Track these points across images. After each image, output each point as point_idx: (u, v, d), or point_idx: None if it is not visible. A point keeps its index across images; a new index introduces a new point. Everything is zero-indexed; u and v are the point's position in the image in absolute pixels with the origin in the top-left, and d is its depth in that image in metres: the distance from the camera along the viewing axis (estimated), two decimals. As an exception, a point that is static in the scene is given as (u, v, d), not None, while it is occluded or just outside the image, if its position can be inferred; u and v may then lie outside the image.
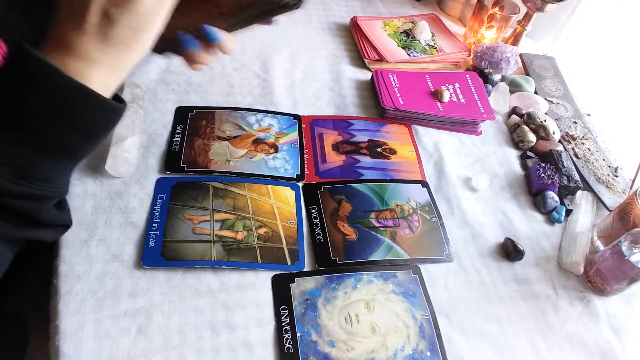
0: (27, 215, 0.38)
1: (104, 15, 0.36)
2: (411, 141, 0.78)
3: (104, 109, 0.38)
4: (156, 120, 0.71)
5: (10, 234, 0.38)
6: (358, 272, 0.60)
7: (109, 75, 0.38)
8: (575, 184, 0.74)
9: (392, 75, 0.84)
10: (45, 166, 0.37)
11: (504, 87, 0.88)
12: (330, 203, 0.66)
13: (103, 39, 0.37)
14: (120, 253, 0.56)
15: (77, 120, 0.37)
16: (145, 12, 0.37)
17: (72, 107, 0.36)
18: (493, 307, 0.61)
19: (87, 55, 0.36)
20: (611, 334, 0.61)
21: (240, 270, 0.58)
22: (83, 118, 0.37)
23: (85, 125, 0.37)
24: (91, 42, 0.36)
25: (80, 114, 0.37)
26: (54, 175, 0.39)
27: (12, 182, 0.35)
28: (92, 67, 0.37)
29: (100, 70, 0.37)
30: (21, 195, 0.36)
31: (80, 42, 0.36)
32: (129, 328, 0.51)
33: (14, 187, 0.35)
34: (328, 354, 0.53)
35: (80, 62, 0.36)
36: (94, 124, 0.38)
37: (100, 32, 0.36)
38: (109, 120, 0.39)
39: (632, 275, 0.61)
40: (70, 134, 0.37)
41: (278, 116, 0.76)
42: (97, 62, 0.37)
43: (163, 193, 0.62)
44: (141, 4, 0.37)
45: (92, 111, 0.37)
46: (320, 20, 0.99)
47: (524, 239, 0.68)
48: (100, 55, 0.37)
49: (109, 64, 0.38)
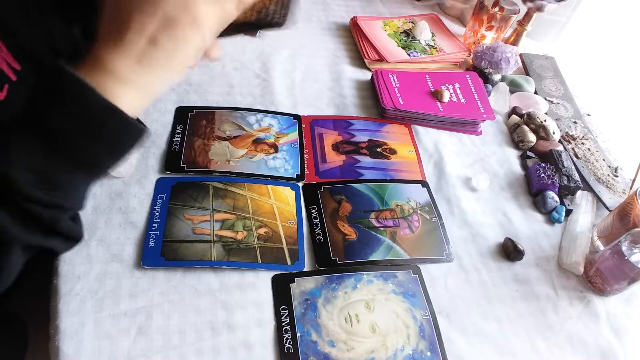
0: (47, 224, 0.39)
1: (152, 40, 0.37)
2: (411, 141, 0.78)
3: (131, 131, 0.39)
4: (156, 120, 0.71)
5: (30, 240, 0.39)
6: (358, 272, 0.60)
7: (138, 97, 0.39)
8: (575, 184, 0.74)
9: (392, 75, 0.84)
10: (69, 178, 0.38)
11: (504, 87, 0.88)
12: (330, 203, 0.66)
13: (141, 61, 0.37)
14: (120, 253, 0.56)
15: (106, 139, 0.38)
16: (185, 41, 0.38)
17: (103, 126, 0.37)
18: (493, 307, 0.61)
19: (121, 75, 0.37)
20: (611, 334, 0.61)
21: (240, 270, 0.58)
22: (111, 137, 0.38)
23: (112, 143, 0.39)
24: (128, 62, 0.37)
25: (109, 133, 0.38)
26: (76, 188, 0.40)
27: (39, 189, 0.36)
28: (123, 87, 0.38)
29: (130, 91, 0.38)
30: (45, 203, 0.37)
31: (118, 62, 0.37)
32: (129, 328, 0.51)
33: (40, 195, 0.36)
34: (328, 354, 0.53)
35: (113, 82, 0.37)
36: (120, 144, 0.39)
37: (140, 55, 0.37)
38: (134, 141, 0.39)
39: (632, 275, 0.61)
40: (97, 150, 0.38)
41: (278, 116, 0.76)
42: (129, 83, 0.38)
43: (163, 193, 0.62)
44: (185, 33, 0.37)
45: (120, 132, 0.38)
46: (320, 20, 0.99)
47: (524, 239, 0.68)
48: (134, 76, 0.38)
49: (140, 85, 0.38)
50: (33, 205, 0.37)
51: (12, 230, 0.37)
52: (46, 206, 0.37)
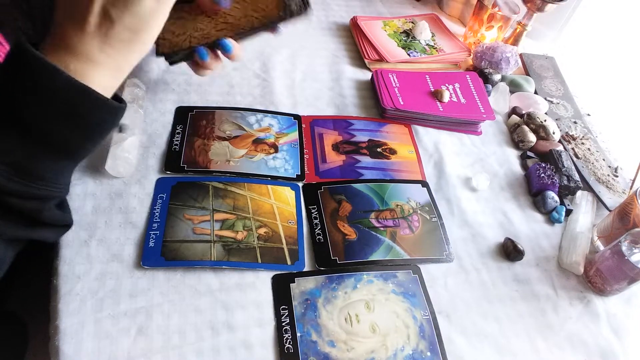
0: (29, 215, 0.38)
1: (105, 15, 0.36)
2: (411, 141, 0.78)
3: (104, 109, 0.38)
4: (156, 120, 0.71)
5: (13, 233, 0.38)
6: (358, 272, 0.60)
7: (109, 76, 0.38)
8: (575, 184, 0.74)
9: (392, 75, 0.84)
10: (47, 166, 0.37)
11: (504, 87, 0.88)
12: (330, 203, 0.66)
13: (104, 39, 0.37)
14: (120, 253, 0.56)
15: (78, 120, 0.37)
16: (145, 12, 0.37)
17: (73, 107, 0.36)
18: (493, 307, 0.61)
19: (87, 56, 0.37)
20: (611, 334, 0.61)
21: (240, 270, 0.58)
22: (84, 118, 0.37)
23: (86, 125, 0.38)
24: (92, 42, 0.36)
25: (81, 113, 0.37)
26: (56, 175, 0.39)
27: (15, 181, 0.35)
28: (92, 67, 0.37)
29: (100, 70, 0.37)
30: (24, 195, 0.36)
31: (81, 42, 0.36)
32: (129, 328, 0.51)
33: (17, 187, 0.35)
34: (328, 354, 0.53)
35: (81, 62, 0.36)
36: (95, 124, 0.38)
37: (100, 33, 0.36)
38: (109, 120, 0.39)
39: (632, 275, 0.61)
40: (71, 133, 0.37)
41: (278, 116, 0.76)
42: (97, 63, 0.37)
43: (163, 193, 0.62)
44: (141, 4, 0.37)
45: (93, 111, 0.37)
46: (320, 20, 0.99)
47: (524, 239, 0.68)
48: (101, 55, 0.37)
49: (109, 64, 0.38)
50: (11, 198, 0.36)
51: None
52: (27, 198, 0.37)
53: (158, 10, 0.38)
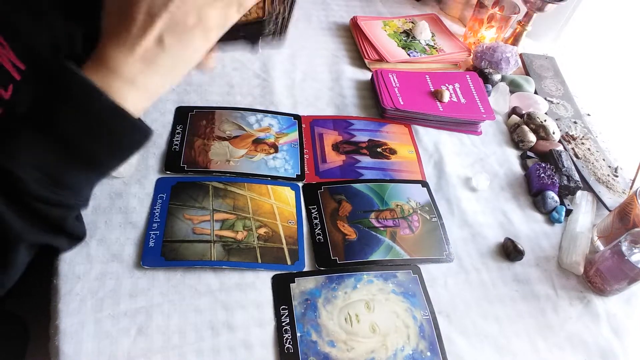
0: (54, 223, 0.39)
1: (159, 41, 0.37)
2: (411, 141, 0.78)
3: (137, 132, 0.39)
4: (156, 120, 0.71)
5: (36, 238, 0.39)
6: (358, 272, 0.60)
7: (142, 98, 0.39)
8: (575, 184, 0.74)
9: (392, 75, 0.84)
10: (76, 177, 0.39)
11: (504, 87, 0.88)
12: (330, 203, 0.66)
13: (149, 64, 0.38)
14: (120, 253, 0.56)
15: (113, 140, 0.38)
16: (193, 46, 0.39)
17: (109, 127, 0.37)
18: (493, 307, 0.61)
19: (129, 78, 0.38)
20: (611, 334, 0.61)
21: (240, 270, 0.58)
22: (118, 138, 0.39)
23: (118, 144, 0.39)
24: (137, 65, 0.37)
25: (117, 134, 0.38)
26: (82, 187, 0.40)
27: (46, 188, 0.36)
28: (131, 90, 0.38)
29: (135, 92, 0.38)
30: (52, 202, 0.37)
31: (126, 64, 0.37)
32: (129, 328, 0.51)
33: (47, 194, 0.37)
34: (328, 354, 0.53)
35: (121, 83, 0.37)
36: (126, 144, 0.39)
37: (149, 57, 0.37)
38: (139, 142, 0.40)
39: (632, 275, 0.61)
40: (103, 150, 0.38)
41: (278, 116, 0.76)
42: (137, 85, 0.38)
43: (163, 193, 0.62)
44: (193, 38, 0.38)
45: (128, 133, 0.39)
46: (320, 20, 0.99)
47: (524, 239, 0.68)
48: (141, 78, 0.38)
49: (147, 87, 0.39)
50: (40, 204, 0.37)
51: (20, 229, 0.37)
52: (53, 205, 0.38)
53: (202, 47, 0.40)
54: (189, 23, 0.37)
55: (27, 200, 0.36)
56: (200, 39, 0.39)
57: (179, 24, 0.37)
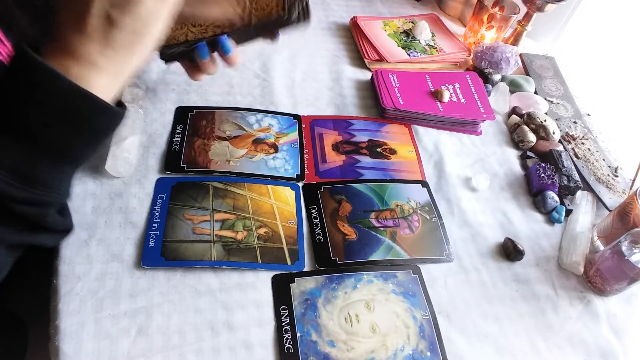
0: (30, 221, 0.38)
1: (106, 18, 0.36)
2: (411, 141, 0.78)
3: (106, 114, 0.38)
4: (156, 120, 0.71)
5: (13, 239, 0.38)
6: (358, 272, 0.60)
7: (110, 79, 0.38)
8: (575, 184, 0.74)
9: (392, 75, 0.84)
10: (48, 171, 0.37)
11: (504, 87, 0.88)
12: (330, 203, 0.66)
13: (105, 43, 0.36)
14: (120, 253, 0.56)
15: (79, 125, 0.37)
16: (147, 15, 0.37)
17: (75, 112, 0.36)
18: (493, 307, 0.61)
19: (88, 59, 0.36)
20: (611, 334, 0.61)
21: (240, 270, 0.58)
22: (84, 122, 0.37)
23: (86, 129, 0.37)
24: (93, 45, 0.36)
25: (81, 118, 0.36)
26: (56, 180, 0.38)
27: (16, 186, 0.35)
28: (93, 71, 0.37)
29: (101, 74, 0.37)
30: (25, 201, 0.36)
31: (82, 45, 0.36)
32: (129, 328, 0.51)
33: (18, 192, 0.35)
34: (328, 354, 0.53)
35: (82, 66, 0.36)
36: (95, 128, 0.38)
37: (102, 36, 0.36)
38: (109, 124, 0.38)
39: (632, 275, 0.61)
40: (72, 138, 0.37)
41: (278, 116, 0.76)
42: (98, 66, 0.37)
43: (163, 193, 0.62)
44: (142, 6, 0.36)
45: (93, 115, 0.37)
46: (320, 20, 0.99)
47: (524, 239, 0.68)
48: (102, 59, 0.37)
49: (110, 67, 0.37)
50: (15, 205, 0.35)
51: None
52: (29, 204, 0.36)
53: (159, 12, 0.38)
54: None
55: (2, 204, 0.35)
56: (153, 3, 0.37)
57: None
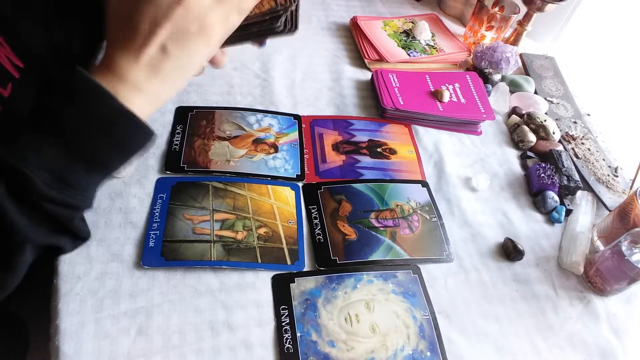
0: (60, 223, 0.40)
1: (162, 49, 0.38)
2: (411, 141, 0.78)
3: (143, 134, 0.40)
4: (156, 120, 0.71)
5: (42, 239, 0.40)
6: (358, 272, 0.60)
7: (148, 104, 0.41)
8: (575, 184, 0.74)
9: (392, 75, 0.84)
10: (83, 178, 0.40)
11: (504, 87, 0.88)
12: (330, 203, 0.66)
13: (154, 71, 0.39)
14: (120, 253, 0.56)
15: (120, 143, 0.40)
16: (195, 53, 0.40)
17: (117, 130, 0.39)
18: (493, 307, 0.61)
19: (135, 84, 0.39)
20: (611, 334, 0.61)
21: (240, 270, 0.58)
22: (126, 141, 0.40)
23: (124, 146, 0.40)
24: (142, 72, 0.39)
25: (124, 137, 0.39)
26: (88, 188, 0.41)
27: (54, 188, 0.37)
28: (136, 95, 0.39)
29: (142, 98, 0.40)
30: (60, 202, 0.38)
31: (132, 71, 0.39)
32: (129, 328, 0.51)
33: (55, 194, 0.37)
34: (328, 354, 0.53)
35: (128, 89, 0.39)
36: (132, 146, 0.41)
37: (153, 64, 0.39)
38: (145, 144, 0.41)
39: (632, 275, 0.61)
40: (110, 152, 0.40)
41: (278, 116, 0.76)
42: (141, 91, 0.39)
43: (163, 193, 0.62)
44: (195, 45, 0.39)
45: (133, 135, 0.40)
46: (320, 20, 0.99)
47: (524, 239, 0.68)
48: (147, 85, 0.39)
49: (152, 93, 0.40)
50: (48, 204, 0.37)
51: (26, 229, 0.37)
52: (61, 205, 0.38)
53: (205, 52, 0.41)
54: (192, 30, 0.39)
55: (35, 200, 0.37)
56: (203, 45, 0.40)
57: (182, 32, 0.38)
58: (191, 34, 0.39)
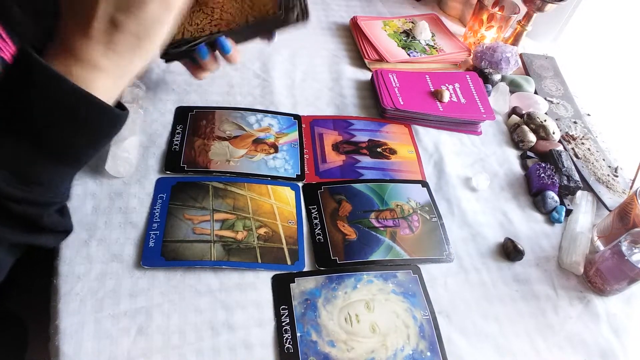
0: (29, 221, 0.38)
1: (110, 21, 0.36)
2: (411, 141, 0.78)
3: (107, 117, 0.38)
4: (156, 120, 0.71)
5: (12, 239, 0.38)
6: (358, 272, 0.60)
7: (112, 82, 0.38)
8: (575, 184, 0.74)
9: (392, 75, 0.84)
10: (48, 172, 0.37)
11: (504, 87, 0.88)
12: (330, 203, 0.66)
13: (108, 46, 0.36)
14: (120, 253, 0.56)
15: (80, 127, 0.37)
16: (151, 19, 0.37)
17: (75, 114, 0.36)
18: (493, 307, 0.61)
19: (91, 62, 0.36)
20: (611, 334, 0.61)
21: (240, 270, 0.58)
22: (86, 125, 0.37)
23: (87, 131, 0.37)
24: (96, 48, 0.36)
25: (83, 120, 0.37)
26: (56, 181, 0.39)
27: (15, 186, 0.35)
28: (96, 74, 0.37)
29: (104, 76, 0.37)
30: (23, 200, 0.36)
31: (86, 48, 0.36)
32: (129, 328, 0.51)
33: (17, 192, 0.35)
34: (328, 354, 0.53)
35: (84, 69, 0.36)
36: (96, 131, 0.38)
37: (105, 39, 0.36)
38: (111, 126, 0.39)
39: (632, 275, 0.61)
40: (73, 140, 0.37)
41: (278, 116, 0.76)
42: (101, 69, 0.37)
43: (163, 193, 0.62)
44: (147, 11, 0.36)
45: (95, 118, 0.37)
46: (320, 20, 0.99)
47: (524, 239, 0.68)
48: (105, 61, 0.37)
49: (113, 70, 0.37)
50: (12, 204, 0.35)
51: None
52: (28, 203, 0.36)
53: (163, 17, 0.38)
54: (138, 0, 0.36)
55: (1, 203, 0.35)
56: (159, 9, 0.37)
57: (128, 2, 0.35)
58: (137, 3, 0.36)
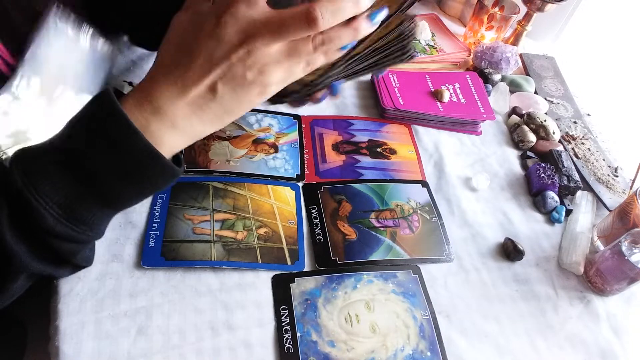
0: (63, 256, 0.38)
1: (211, 89, 0.35)
2: (411, 141, 0.78)
3: (167, 174, 0.37)
4: (156, 120, 0.71)
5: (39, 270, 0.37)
6: (358, 272, 0.60)
7: (182, 141, 0.37)
8: (575, 184, 0.74)
9: (392, 75, 0.84)
10: (94, 213, 0.37)
11: (504, 87, 0.88)
12: (330, 203, 0.66)
13: (195, 110, 0.35)
14: (120, 253, 0.56)
15: (139, 181, 0.36)
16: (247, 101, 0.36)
17: (140, 169, 0.35)
18: (493, 307, 0.61)
19: (172, 120, 0.35)
20: (611, 334, 0.61)
21: (240, 270, 0.58)
22: (146, 180, 0.37)
23: (146, 185, 0.37)
24: (184, 109, 0.35)
25: (145, 176, 0.36)
26: (99, 222, 0.38)
27: (62, 223, 0.35)
28: (169, 131, 0.36)
29: (177, 135, 0.36)
30: (66, 237, 0.36)
31: (174, 107, 0.35)
32: (129, 328, 0.51)
33: (62, 229, 0.35)
34: (328, 354, 0.53)
35: (163, 125, 0.35)
36: (154, 185, 0.38)
37: (198, 103, 0.35)
38: (166, 183, 0.38)
39: (632, 275, 0.61)
40: (127, 190, 0.37)
41: (278, 116, 0.76)
42: (177, 128, 0.36)
43: (163, 193, 0.62)
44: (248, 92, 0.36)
45: (157, 176, 0.37)
46: (320, 20, 0.98)
47: (524, 239, 0.68)
48: (185, 123, 0.36)
49: (188, 132, 0.37)
50: (54, 239, 0.35)
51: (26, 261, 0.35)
52: (67, 240, 0.36)
53: (255, 102, 0.37)
54: (248, 77, 0.35)
55: (41, 236, 0.34)
56: (256, 94, 0.36)
57: (237, 76, 0.34)
58: (246, 81, 0.35)
